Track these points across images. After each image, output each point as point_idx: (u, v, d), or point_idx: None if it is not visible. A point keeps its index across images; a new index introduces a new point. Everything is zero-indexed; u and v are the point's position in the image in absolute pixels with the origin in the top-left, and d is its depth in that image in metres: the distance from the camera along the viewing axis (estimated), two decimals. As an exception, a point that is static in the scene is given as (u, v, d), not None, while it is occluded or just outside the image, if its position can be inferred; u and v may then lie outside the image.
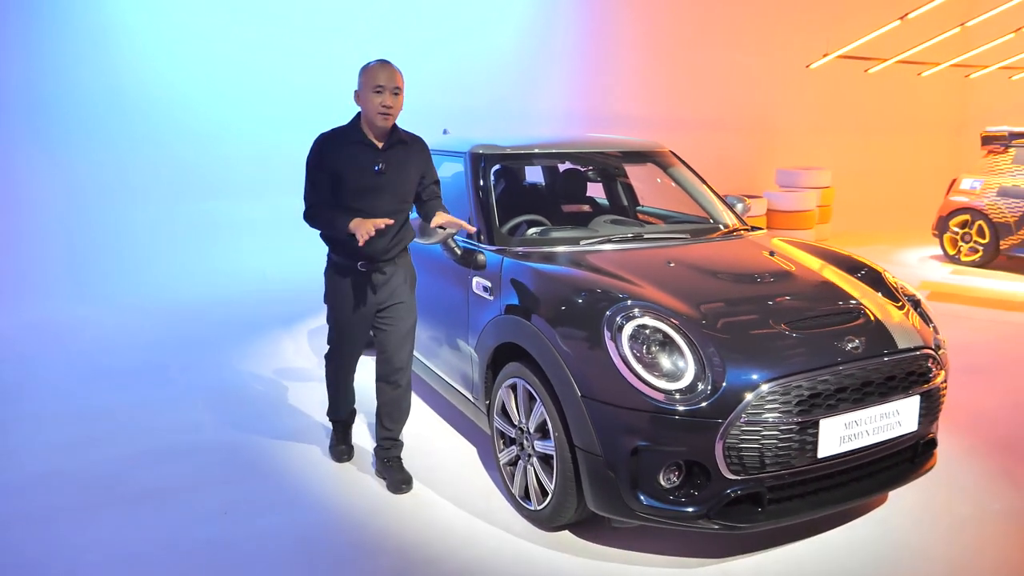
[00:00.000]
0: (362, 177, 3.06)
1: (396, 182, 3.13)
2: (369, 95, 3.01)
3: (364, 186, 3.07)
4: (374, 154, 3.08)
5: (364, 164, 3.07)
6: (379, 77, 2.99)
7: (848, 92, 11.02)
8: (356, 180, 3.06)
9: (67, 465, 3.62)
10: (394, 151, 3.13)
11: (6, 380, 4.80)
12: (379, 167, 3.08)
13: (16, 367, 5.04)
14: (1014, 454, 3.75)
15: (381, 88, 2.99)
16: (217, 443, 3.88)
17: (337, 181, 3.06)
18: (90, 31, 6.86)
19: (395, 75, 3.03)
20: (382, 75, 3.00)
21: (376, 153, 3.08)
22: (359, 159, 3.06)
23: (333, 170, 3.05)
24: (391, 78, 3.01)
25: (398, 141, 3.14)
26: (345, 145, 3.07)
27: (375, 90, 2.99)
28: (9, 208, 6.71)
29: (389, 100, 3.00)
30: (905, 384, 2.84)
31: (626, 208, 4.67)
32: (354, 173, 3.05)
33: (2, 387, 4.68)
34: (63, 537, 3.00)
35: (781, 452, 2.58)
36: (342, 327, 3.33)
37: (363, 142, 3.07)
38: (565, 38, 9.29)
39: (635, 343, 2.67)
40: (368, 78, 3.02)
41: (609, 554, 2.87)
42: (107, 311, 6.31)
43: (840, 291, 3.12)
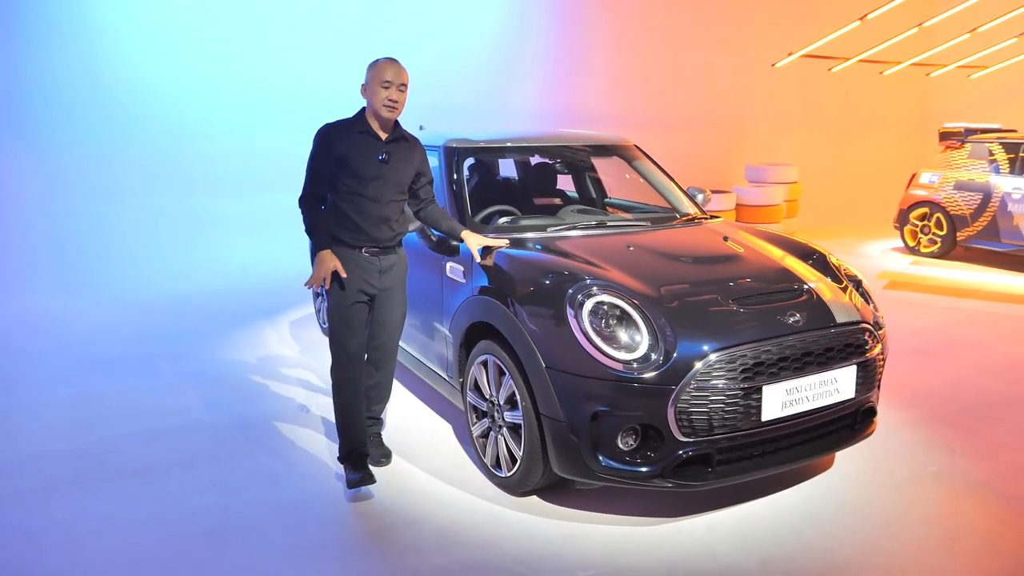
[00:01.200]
0: (367, 164, 3.19)
1: (398, 173, 3.27)
2: (376, 88, 3.15)
3: (369, 173, 3.19)
4: (378, 144, 3.22)
5: (369, 152, 3.20)
6: (387, 73, 3.14)
7: (813, 90, 11.36)
8: (362, 167, 3.18)
9: (62, 445, 3.80)
10: (397, 144, 3.28)
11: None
12: (383, 156, 3.21)
13: (7, 358, 5.20)
14: (950, 424, 4.04)
15: (388, 83, 3.13)
16: (205, 424, 4.07)
17: (343, 167, 3.17)
18: (73, 28, 6.99)
19: (402, 72, 3.19)
20: (390, 71, 3.15)
21: (380, 144, 3.22)
22: (364, 147, 3.20)
23: (339, 155, 3.16)
24: (398, 75, 3.16)
25: (400, 136, 3.30)
26: (351, 134, 3.21)
27: (383, 84, 3.13)
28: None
29: (395, 95, 3.15)
30: (843, 355, 3.10)
31: (594, 199, 4.91)
32: (360, 160, 3.18)
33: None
34: (60, 510, 3.19)
35: (728, 416, 2.83)
36: (344, 310, 3.25)
37: (368, 132, 3.21)
38: (539, 37, 9.53)
39: (595, 318, 2.91)
40: (376, 73, 3.16)
41: (573, 515, 3.11)
42: (93, 305, 6.46)
43: (786, 271, 3.37)
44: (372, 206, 3.21)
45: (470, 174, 4.41)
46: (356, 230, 3.21)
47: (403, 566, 2.78)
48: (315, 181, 3.24)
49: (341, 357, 3.29)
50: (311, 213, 3.24)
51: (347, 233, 3.23)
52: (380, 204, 3.22)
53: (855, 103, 11.85)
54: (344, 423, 3.31)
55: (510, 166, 5.07)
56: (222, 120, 7.60)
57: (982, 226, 8.37)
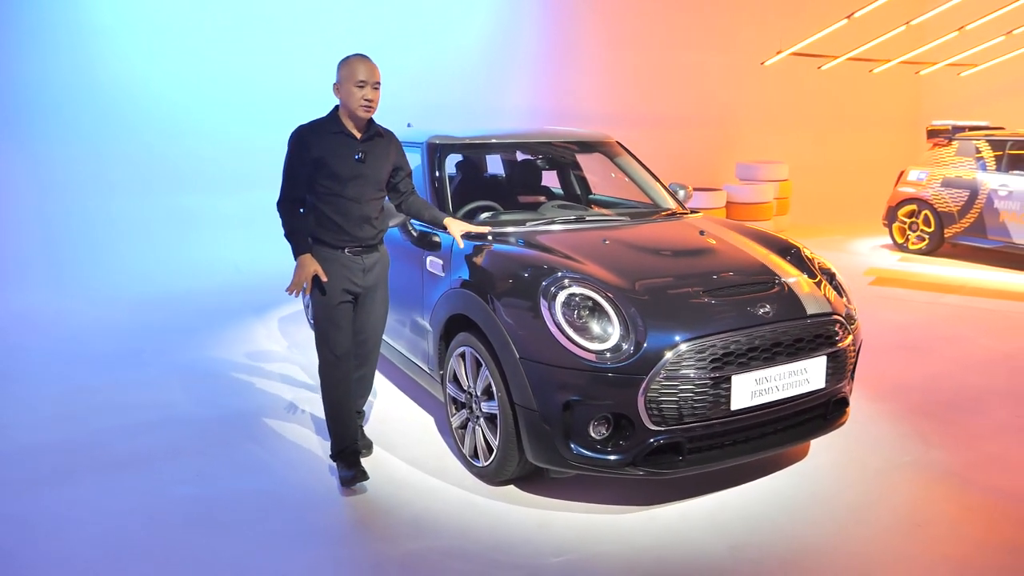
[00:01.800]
0: (344, 165, 3.15)
1: (376, 170, 3.25)
2: (351, 89, 3.11)
3: (347, 174, 3.16)
4: (354, 144, 3.19)
5: (345, 153, 3.16)
6: (360, 72, 3.10)
7: (803, 88, 11.43)
8: (339, 167, 3.15)
9: (51, 437, 3.87)
10: (372, 142, 3.25)
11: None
12: (359, 156, 3.18)
13: (2, 353, 5.26)
14: (927, 416, 4.10)
15: (363, 83, 3.10)
16: (191, 417, 4.13)
17: (320, 169, 3.14)
18: (66, 27, 7.05)
19: (375, 70, 3.15)
20: (363, 70, 3.11)
21: (356, 143, 3.19)
22: (340, 148, 3.16)
23: (315, 157, 3.13)
24: (371, 73, 3.13)
25: (375, 133, 3.27)
26: (326, 135, 3.17)
27: (357, 84, 3.10)
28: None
29: (370, 94, 3.12)
30: (812, 345, 3.16)
31: (577, 195, 4.97)
32: (337, 161, 3.14)
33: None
34: (48, 499, 3.25)
35: (697, 405, 2.89)
36: (331, 310, 3.24)
37: (343, 132, 3.17)
38: (530, 36, 9.60)
39: (567, 309, 2.97)
40: (349, 72, 3.11)
41: (548, 503, 3.17)
42: (84, 301, 6.52)
43: (758, 264, 3.44)
44: (352, 206, 3.19)
45: (453, 171, 4.46)
46: (338, 230, 3.20)
47: (376, 552, 2.84)
48: (292, 185, 3.19)
49: (329, 357, 3.28)
50: (289, 217, 3.20)
51: (329, 234, 3.21)
52: (360, 204, 3.20)
53: (845, 101, 11.93)
54: (334, 421, 3.32)
55: (493, 162, 5.13)
56: (214, 118, 7.66)
57: (969, 223, 8.43)
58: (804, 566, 2.78)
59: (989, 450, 3.72)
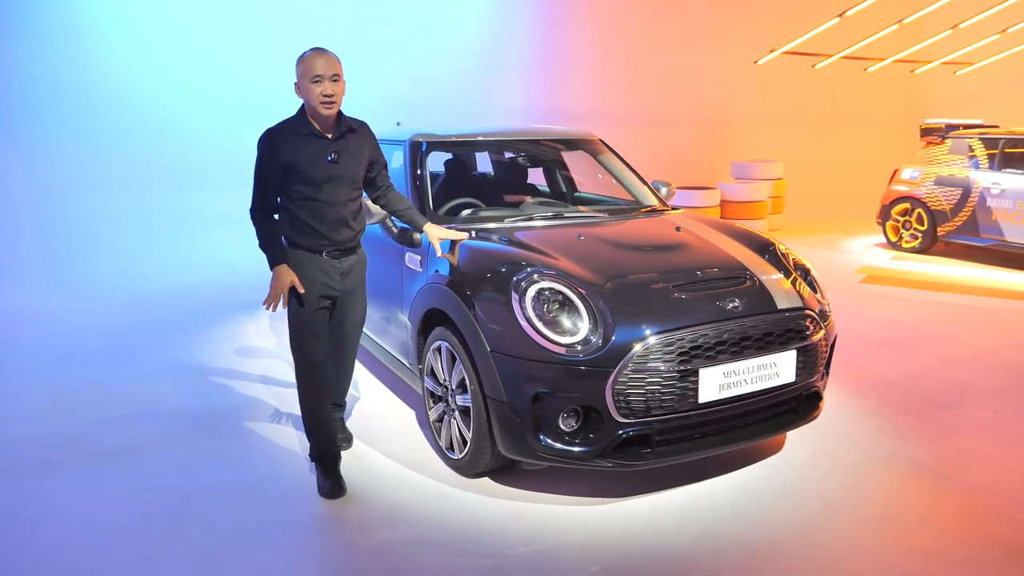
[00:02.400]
0: (317, 169, 3.02)
1: (350, 170, 3.12)
2: (309, 86, 2.96)
3: (320, 176, 3.04)
4: (326, 145, 3.05)
5: (316, 155, 3.03)
6: (316, 66, 2.95)
7: (798, 87, 11.45)
8: (311, 172, 3.02)
9: (38, 430, 3.93)
10: (344, 140, 3.11)
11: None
12: (332, 156, 3.05)
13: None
14: (906, 411, 4.13)
15: (320, 77, 2.94)
16: (177, 411, 4.19)
17: (292, 174, 3.02)
18: (61, 26, 7.12)
19: (332, 62, 2.99)
20: (319, 63, 2.95)
21: (327, 144, 3.06)
22: (311, 151, 3.02)
23: (286, 163, 3.00)
24: (328, 66, 2.96)
25: (347, 129, 3.12)
26: (295, 138, 3.02)
27: (314, 80, 2.95)
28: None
29: (329, 88, 2.96)
30: (782, 340, 3.19)
31: (561, 193, 5.00)
32: (308, 166, 3.01)
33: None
34: (31, 489, 3.31)
35: (665, 397, 2.94)
36: (306, 320, 3.15)
37: (313, 133, 3.03)
38: (524, 35, 9.64)
39: (537, 303, 3.01)
40: (305, 68, 2.97)
41: (520, 495, 3.22)
42: (78, 299, 6.59)
43: (731, 259, 3.47)
44: (328, 209, 3.08)
45: (434, 168, 4.50)
46: (314, 235, 3.09)
47: (350, 541, 2.90)
48: (264, 192, 3.07)
49: (305, 364, 3.19)
50: (263, 226, 3.07)
51: (305, 238, 3.10)
52: (336, 206, 3.09)
53: (840, 100, 11.94)
54: (311, 426, 3.25)
55: (477, 160, 5.17)
56: (208, 117, 7.72)
57: (962, 221, 8.44)
58: (770, 556, 2.82)
59: (964, 445, 3.75)
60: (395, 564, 2.75)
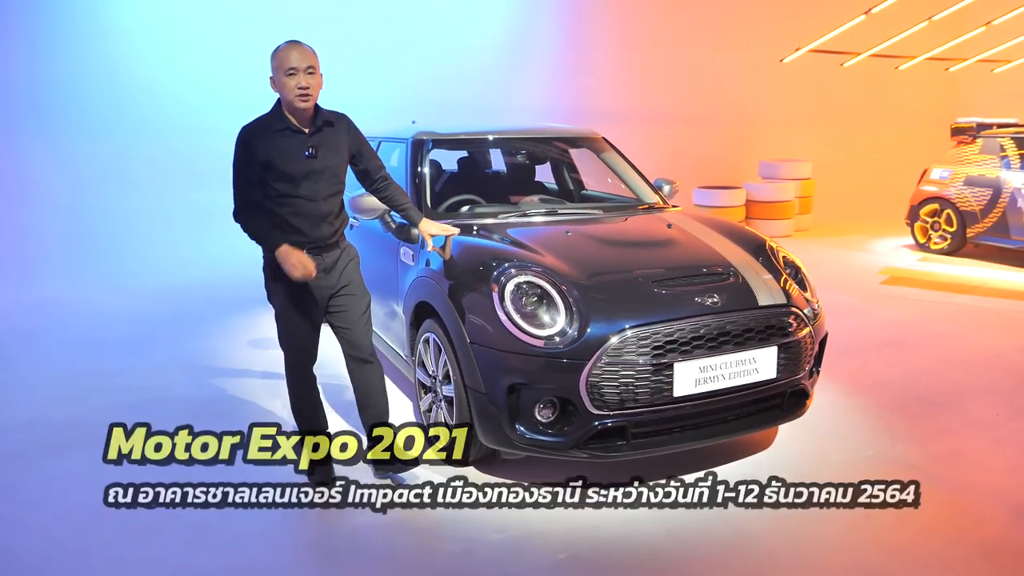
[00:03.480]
0: (294, 165, 2.99)
1: (330, 165, 3.08)
2: (283, 80, 2.92)
3: (298, 173, 3.00)
4: (303, 140, 3.01)
5: (294, 151, 2.99)
6: (290, 59, 2.91)
7: (826, 86, 11.30)
8: (289, 168, 2.99)
9: (49, 415, 4.13)
10: (322, 134, 3.06)
11: (7, 348, 5.36)
12: (310, 152, 3.01)
13: (17, 338, 5.59)
14: (899, 412, 4.09)
15: (294, 70, 2.90)
16: (183, 398, 4.35)
17: (269, 171, 2.98)
18: (92, 31, 7.42)
19: (307, 54, 2.94)
20: (293, 56, 2.91)
21: (304, 138, 3.02)
22: (288, 147, 2.99)
23: (263, 161, 2.96)
24: (303, 58, 2.92)
25: (324, 123, 3.08)
26: (271, 135, 2.98)
27: (288, 73, 2.91)
28: (14, 196, 7.31)
29: (304, 81, 2.91)
30: (763, 336, 3.20)
31: (563, 190, 5.02)
32: (285, 162, 2.98)
33: (3, 354, 5.23)
34: (35, 470, 3.49)
35: (639, 390, 2.97)
36: (292, 314, 3.17)
37: (289, 128, 2.99)
38: (546, 35, 9.69)
39: (515, 297, 3.07)
40: (280, 62, 2.93)
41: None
42: (103, 291, 6.84)
43: (716, 256, 3.48)
44: (308, 205, 3.04)
45: (436, 165, 4.58)
46: (294, 231, 3.05)
47: (328, 523, 2.99)
48: (244, 191, 3.04)
49: (288, 358, 3.26)
50: (250, 223, 3.05)
51: (287, 236, 3.04)
52: (316, 202, 3.05)
53: (871, 98, 11.74)
54: (296, 411, 3.34)
55: (481, 158, 5.21)
56: (231, 117, 7.83)
57: (992, 222, 8.25)
58: (737, 550, 2.84)
59: (957, 445, 3.71)
60: (368, 546, 2.83)
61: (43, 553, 2.86)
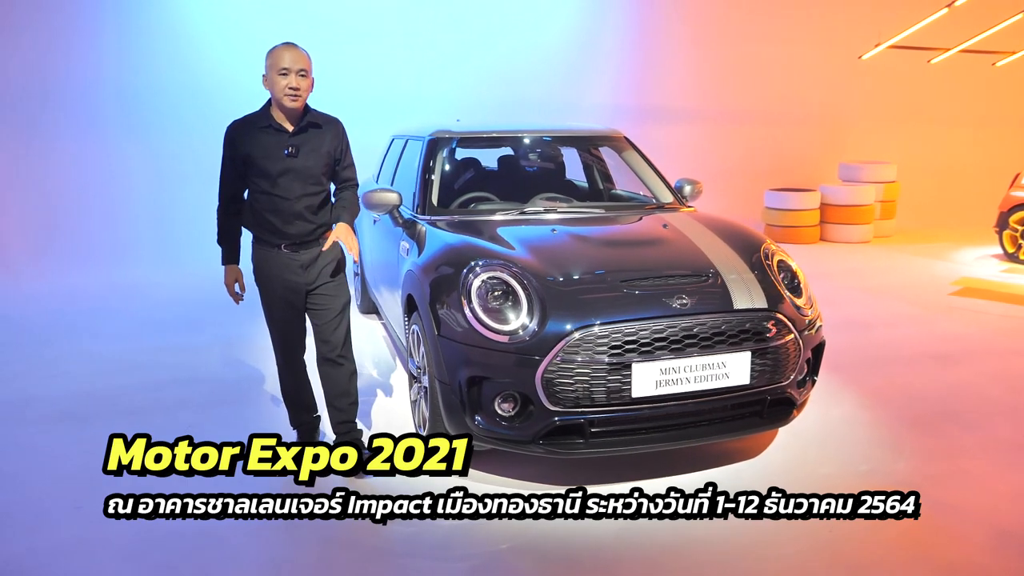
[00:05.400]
0: (272, 162, 3.09)
1: (308, 165, 3.15)
2: (275, 78, 3.03)
3: (274, 170, 3.10)
4: (283, 138, 3.11)
5: (273, 149, 3.09)
6: (283, 59, 3.01)
7: (912, 84, 10.67)
8: (266, 165, 3.09)
9: (84, 387, 4.52)
10: (306, 134, 3.15)
11: (81, 324, 5.92)
12: (289, 151, 3.10)
13: (93, 316, 6.16)
14: (915, 427, 3.88)
15: (286, 70, 3.01)
16: (211, 377, 4.66)
17: (249, 167, 3.11)
18: (175, 33, 8.01)
19: (300, 56, 3.05)
20: (286, 57, 3.02)
21: (286, 137, 3.11)
22: (268, 144, 3.09)
23: (244, 155, 3.10)
24: (296, 60, 3.03)
25: (310, 124, 3.16)
26: (254, 131, 3.11)
27: (280, 72, 3.02)
28: (106, 188, 7.99)
29: (295, 82, 3.02)
30: (735, 340, 3.13)
31: (601, 190, 4.99)
32: (263, 159, 3.08)
33: (73, 329, 5.77)
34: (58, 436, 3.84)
35: (595, 389, 2.98)
36: (274, 309, 3.32)
37: (272, 126, 3.10)
38: (614, 32, 9.62)
39: (480, 292, 3.14)
40: (273, 61, 3.04)
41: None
42: (176, 275, 7.35)
43: (699, 257, 3.42)
44: (283, 203, 3.14)
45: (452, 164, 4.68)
46: (271, 228, 3.18)
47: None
48: (225, 185, 3.23)
49: (275, 352, 3.46)
50: (222, 221, 3.30)
51: (265, 232, 3.21)
52: (291, 200, 3.13)
53: (963, 97, 11.00)
54: (287, 401, 3.56)
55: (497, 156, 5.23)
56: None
57: (1088, 232, 7.63)
58: (679, 553, 2.81)
59: (963, 466, 3.50)
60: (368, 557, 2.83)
61: (43, 561, 2.81)
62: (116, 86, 7.96)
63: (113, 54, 7.92)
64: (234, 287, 3.31)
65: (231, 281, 3.30)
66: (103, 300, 6.63)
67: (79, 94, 7.92)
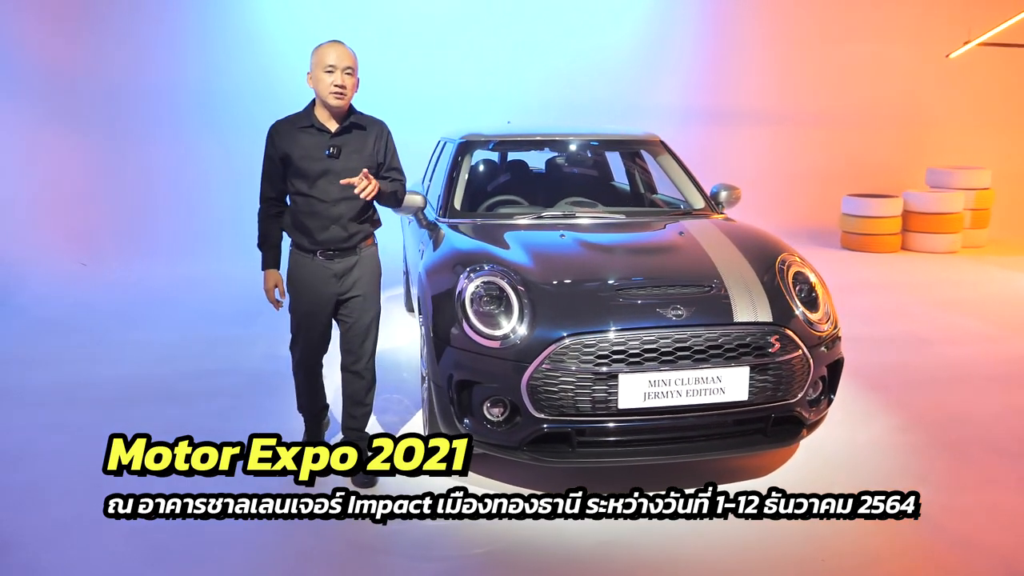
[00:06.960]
0: (312, 162, 3.05)
1: (349, 167, 3.07)
2: (320, 75, 2.99)
3: (314, 171, 3.06)
4: (325, 138, 3.07)
5: (314, 149, 3.05)
6: (329, 57, 2.98)
7: (1008, 84, 9.95)
8: (306, 165, 3.05)
9: (130, 372, 4.80)
10: (349, 135, 3.09)
11: (142, 314, 6.26)
12: (330, 151, 3.05)
13: (151, 306, 6.52)
14: (953, 455, 3.62)
15: (332, 68, 2.98)
16: (251, 369, 4.85)
17: (288, 166, 3.08)
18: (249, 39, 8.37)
19: (347, 55, 3.01)
20: (332, 54, 2.98)
21: (328, 137, 3.07)
22: (309, 144, 3.06)
23: (284, 154, 3.07)
24: (342, 58, 2.99)
25: (354, 125, 3.12)
26: (295, 131, 3.07)
27: (326, 70, 2.98)
28: (186, 186, 8.49)
29: (340, 79, 2.98)
30: (732, 354, 3.03)
31: (642, 195, 4.90)
32: (304, 158, 3.05)
33: (137, 318, 6.14)
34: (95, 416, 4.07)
35: (580, 398, 2.95)
36: (300, 316, 3.28)
37: (314, 126, 3.07)
38: (685, 31, 9.43)
39: (475, 297, 3.16)
40: (319, 58, 3.00)
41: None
42: (243, 269, 7.65)
43: (706, 267, 3.32)
44: (320, 206, 3.08)
45: (484, 166, 4.72)
46: (307, 233, 3.13)
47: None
48: (265, 186, 3.19)
49: (294, 357, 3.39)
50: (262, 224, 3.26)
51: (301, 237, 3.16)
52: (328, 203, 3.08)
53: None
54: (299, 399, 3.54)
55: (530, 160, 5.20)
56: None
57: None
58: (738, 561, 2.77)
59: (993, 500, 3.26)
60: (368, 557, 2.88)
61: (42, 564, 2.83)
62: (198, 88, 8.45)
63: (196, 59, 8.41)
64: (273, 293, 3.27)
65: (271, 287, 3.26)
66: (169, 292, 6.94)
67: (166, 96, 8.46)
